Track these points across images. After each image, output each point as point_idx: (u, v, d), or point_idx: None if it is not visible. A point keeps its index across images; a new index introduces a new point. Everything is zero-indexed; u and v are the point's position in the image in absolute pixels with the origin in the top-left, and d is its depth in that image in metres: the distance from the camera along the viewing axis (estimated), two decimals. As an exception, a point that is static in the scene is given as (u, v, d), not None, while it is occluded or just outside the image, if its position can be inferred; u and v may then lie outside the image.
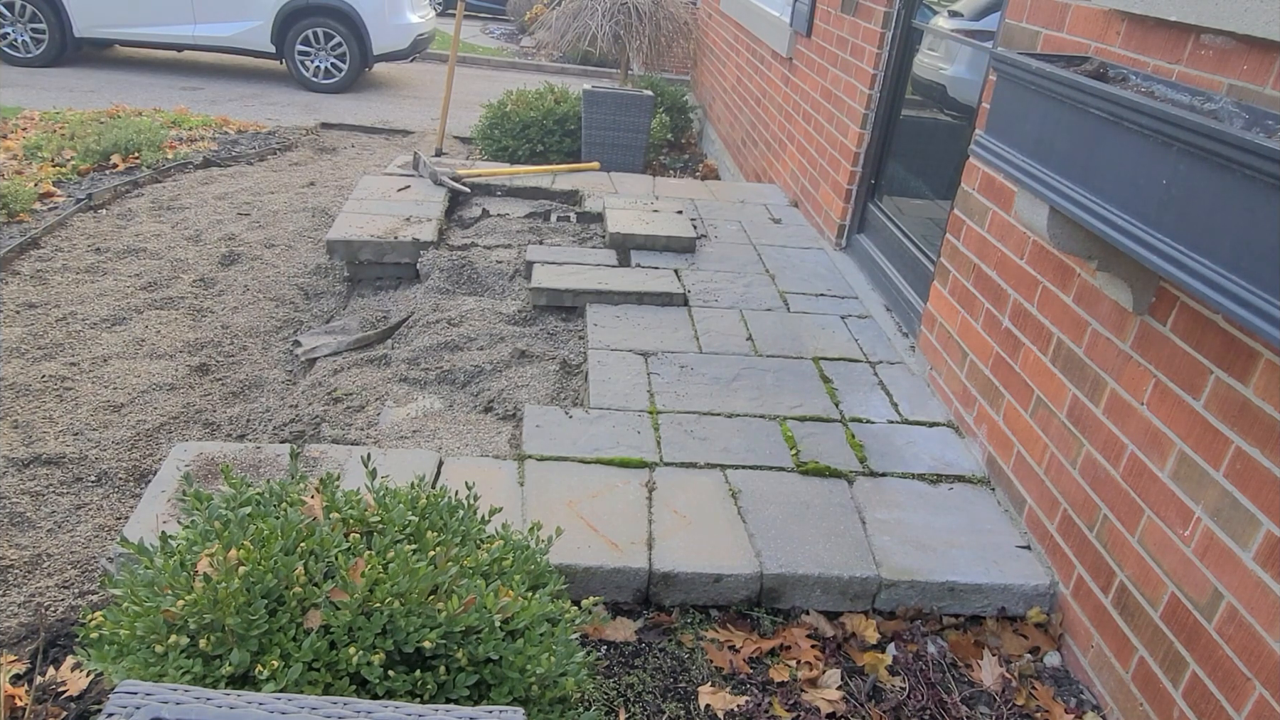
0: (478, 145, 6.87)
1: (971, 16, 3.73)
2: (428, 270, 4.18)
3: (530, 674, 1.53)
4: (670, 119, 7.66)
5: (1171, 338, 2.06)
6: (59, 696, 1.97)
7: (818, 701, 2.12)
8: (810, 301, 4.04)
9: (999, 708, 2.17)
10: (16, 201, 4.71)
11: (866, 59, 4.33)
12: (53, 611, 2.21)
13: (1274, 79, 1.82)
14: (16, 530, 2.49)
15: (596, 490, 2.59)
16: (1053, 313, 2.57)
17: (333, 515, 1.67)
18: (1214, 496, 1.90)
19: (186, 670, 1.41)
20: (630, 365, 3.33)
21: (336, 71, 9.12)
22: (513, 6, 14.92)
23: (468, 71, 11.13)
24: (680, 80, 9.92)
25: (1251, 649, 1.78)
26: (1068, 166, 1.96)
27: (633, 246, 4.42)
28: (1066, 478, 2.44)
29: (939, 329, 3.33)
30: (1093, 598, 2.28)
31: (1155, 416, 2.11)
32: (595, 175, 5.71)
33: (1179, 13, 2.05)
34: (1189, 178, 1.59)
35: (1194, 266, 1.57)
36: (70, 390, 3.22)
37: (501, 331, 3.63)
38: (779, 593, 2.38)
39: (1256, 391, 1.80)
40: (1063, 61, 2.23)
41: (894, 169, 4.32)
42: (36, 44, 8.63)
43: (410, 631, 1.48)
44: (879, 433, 3.03)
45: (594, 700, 2.08)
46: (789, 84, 5.65)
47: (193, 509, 1.70)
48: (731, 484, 2.68)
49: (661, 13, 7.76)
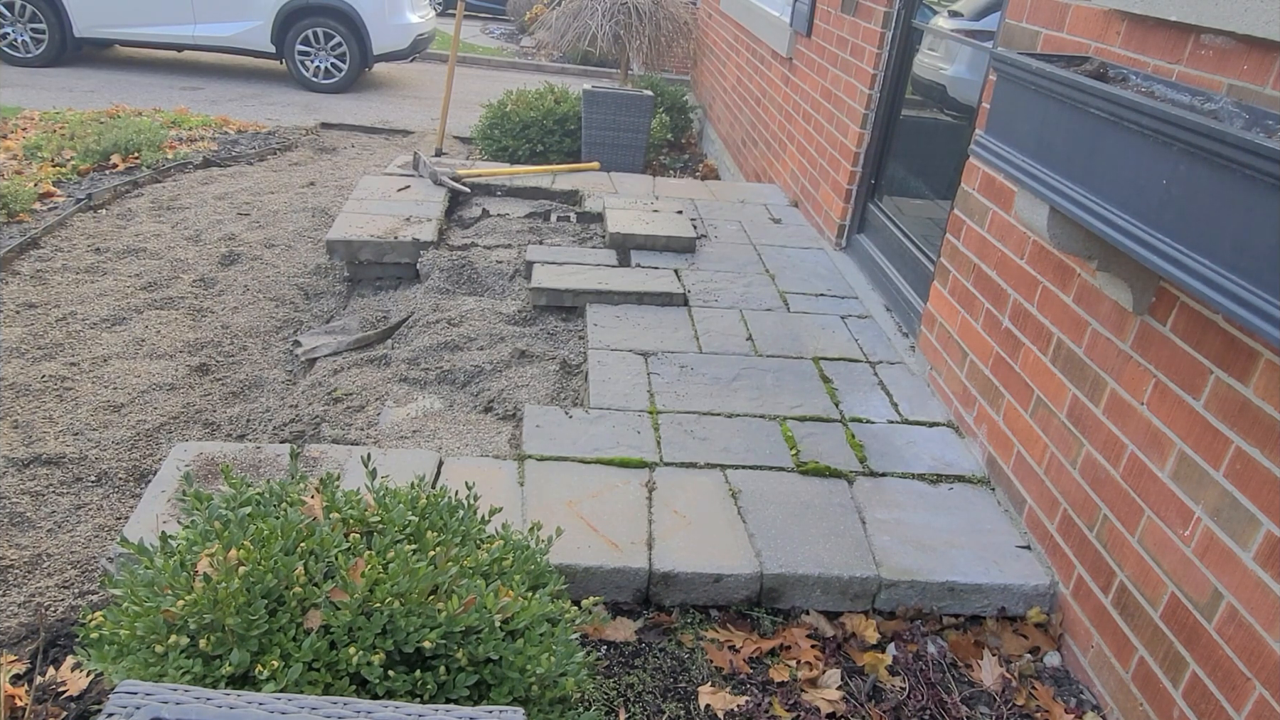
0: (478, 145, 6.87)
1: (971, 16, 3.73)
2: (428, 270, 4.18)
3: (530, 674, 1.53)
4: (670, 119, 7.66)
5: (1171, 338, 2.06)
6: (59, 696, 1.97)
7: (818, 701, 2.12)
8: (810, 301, 4.04)
9: (999, 708, 2.17)
10: (16, 201, 4.72)
11: (866, 59, 4.33)
12: (53, 611, 2.21)
13: (1274, 79, 1.82)
14: (16, 530, 2.49)
15: (596, 490, 2.59)
16: (1053, 313, 2.57)
17: (333, 515, 1.67)
18: (1214, 496, 1.90)
19: (186, 670, 1.41)
20: (630, 365, 3.33)
21: (336, 71, 9.12)
22: (513, 6, 14.92)
23: (468, 71, 11.13)
24: (680, 80, 9.92)
25: (1251, 649, 1.78)
26: (1068, 166, 1.96)
27: (633, 246, 4.42)
28: (1066, 478, 2.44)
29: (939, 329, 3.33)
30: (1093, 598, 2.28)
31: (1155, 416, 2.11)
32: (595, 175, 5.71)
33: (1179, 13, 2.05)
34: (1189, 178, 1.59)
35: (1194, 266, 1.57)
36: (70, 390, 3.22)
37: (501, 331, 3.63)
38: (779, 593, 2.38)
39: (1256, 391, 1.80)
40: (1063, 61, 2.23)
41: (894, 169, 4.32)
42: (36, 44, 8.63)
43: (410, 631, 1.48)
44: (879, 433, 3.03)
45: (594, 700, 2.08)
46: (789, 84, 5.65)
47: (193, 509, 1.70)
48: (731, 484, 2.68)
49: (661, 13, 7.76)
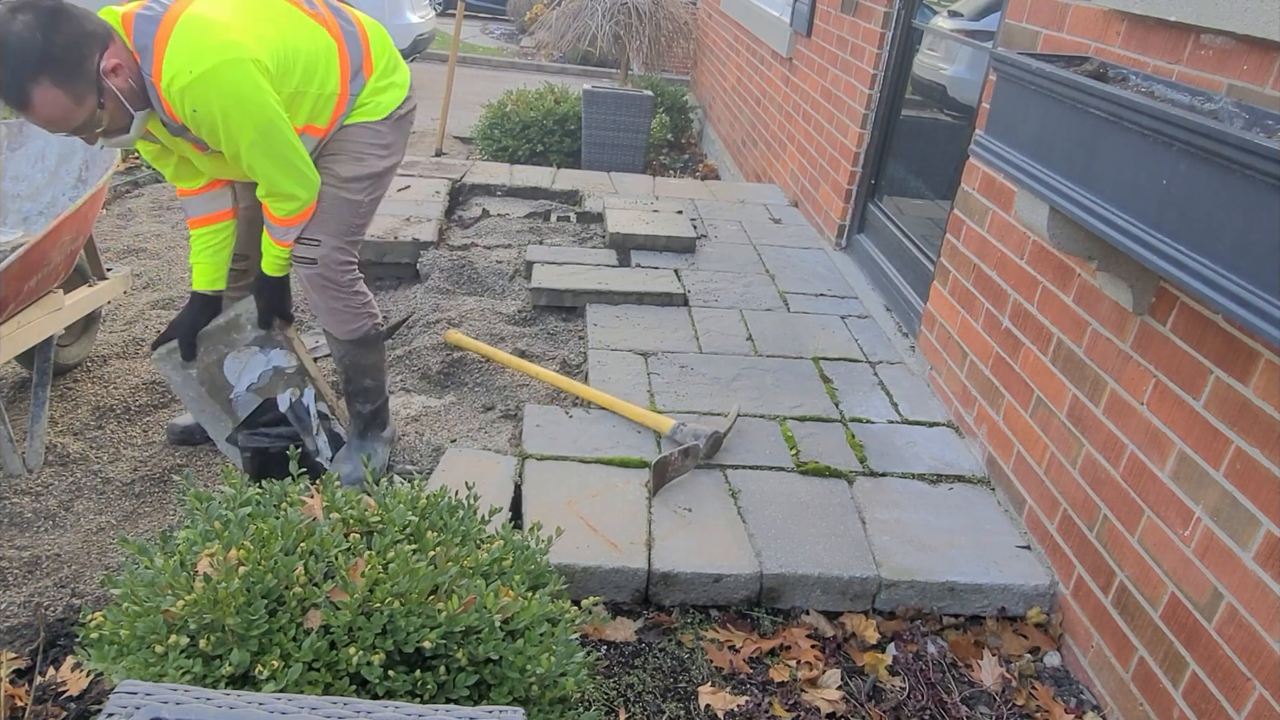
0: (478, 145, 6.87)
1: (971, 16, 3.74)
2: (428, 270, 4.18)
3: (530, 674, 1.53)
4: (670, 119, 7.67)
5: (1171, 338, 2.06)
6: (59, 696, 1.97)
7: (818, 701, 2.12)
8: (810, 301, 4.04)
9: (999, 708, 2.17)
10: (16, 201, 4.71)
11: (866, 59, 4.33)
12: (52, 611, 2.21)
13: (1274, 79, 1.82)
14: (16, 530, 2.49)
15: (596, 490, 2.59)
16: (1053, 313, 2.57)
17: (333, 515, 1.67)
18: (1214, 496, 1.90)
19: (186, 670, 1.41)
20: (630, 365, 3.33)
21: (336, 71, 9.13)
22: (513, 6, 14.91)
23: (468, 71, 11.13)
24: (680, 80, 9.92)
25: (1251, 649, 1.78)
26: (1068, 166, 1.96)
27: (633, 246, 4.43)
28: (1066, 478, 2.44)
29: (939, 329, 3.33)
30: (1093, 598, 2.28)
31: (1155, 416, 2.11)
32: (595, 175, 5.71)
33: (1179, 13, 2.05)
34: (1189, 178, 1.59)
35: (1194, 266, 1.57)
36: (70, 390, 3.21)
37: (501, 331, 3.63)
38: (779, 593, 2.38)
39: (1256, 391, 1.80)
40: (1063, 61, 2.23)
41: (894, 169, 4.32)
42: (36, 44, 8.62)
43: (410, 631, 1.48)
44: (879, 433, 3.03)
45: (594, 700, 2.08)
46: (789, 84, 5.65)
47: (193, 509, 1.70)
48: (731, 484, 2.68)
49: (661, 13, 7.76)
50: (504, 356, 3.29)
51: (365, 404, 2.67)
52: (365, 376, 2.64)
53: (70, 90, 1.95)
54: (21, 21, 1.88)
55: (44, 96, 1.93)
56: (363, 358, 2.61)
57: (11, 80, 1.91)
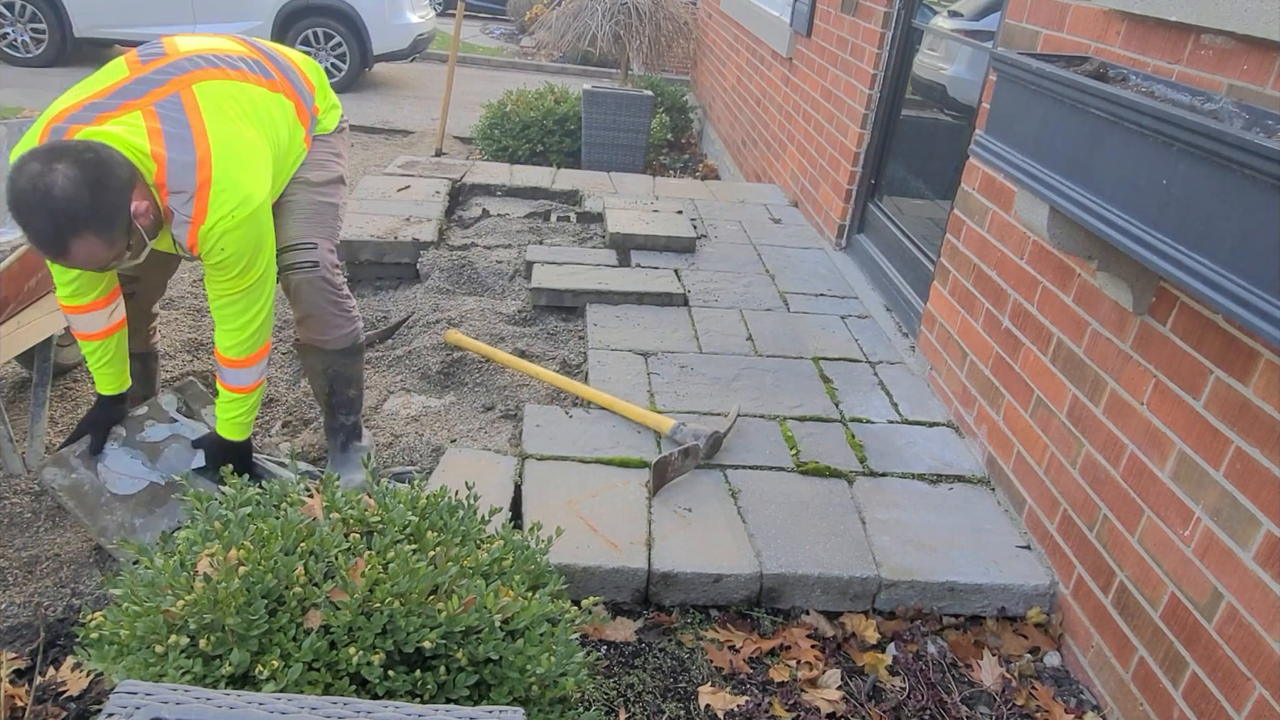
0: (478, 145, 6.87)
1: (971, 16, 3.74)
2: (428, 270, 4.18)
3: (530, 674, 1.53)
4: (670, 119, 7.67)
5: (1171, 338, 2.06)
6: (59, 696, 1.97)
7: (818, 701, 2.12)
8: (810, 301, 4.04)
9: (999, 708, 2.17)
10: (16, 201, 4.70)
11: (866, 59, 4.33)
12: (52, 611, 2.21)
13: (1274, 79, 1.82)
14: (16, 530, 2.49)
15: (596, 490, 2.59)
16: (1053, 313, 2.57)
17: (333, 515, 1.67)
18: (1214, 496, 1.90)
19: (186, 670, 1.41)
20: (630, 365, 3.33)
21: (336, 71, 9.11)
22: (513, 6, 14.92)
23: (468, 71, 11.13)
24: (680, 80, 9.92)
25: (1251, 649, 1.78)
26: (1068, 166, 1.96)
27: (633, 246, 4.42)
28: (1066, 478, 2.44)
29: (939, 329, 3.33)
30: (1093, 598, 2.28)
31: (1155, 416, 2.11)
32: (595, 175, 5.71)
33: (1179, 13, 2.05)
34: (1189, 178, 1.59)
35: (1194, 266, 1.57)
36: (70, 390, 3.21)
37: (501, 331, 3.63)
38: (779, 593, 2.38)
39: (1256, 391, 1.80)
40: (1063, 61, 2.23)
41: (894, 169, 4.32)
42: (36, 44, 8.63)
43: (410, 631, 1.48)
44: (879, 433, 3.03)
45: (594, 700, 2.08)
46: (789, 84, 5.65)
47: (193, 509, 1.70)
48: (731, 483, 2.68)
49: (661, 13, 7.76)
50: (504, 356, 3.29)
51: (349, 415, 2.70)
52: (350, 386, 2.66)
53: (107, 239, 1.91)
54: (64, 176, 1.81)
55: (82, 248, 1.89)
56: (348, 367, 2.63)
57: (54, 235, 1.85)
